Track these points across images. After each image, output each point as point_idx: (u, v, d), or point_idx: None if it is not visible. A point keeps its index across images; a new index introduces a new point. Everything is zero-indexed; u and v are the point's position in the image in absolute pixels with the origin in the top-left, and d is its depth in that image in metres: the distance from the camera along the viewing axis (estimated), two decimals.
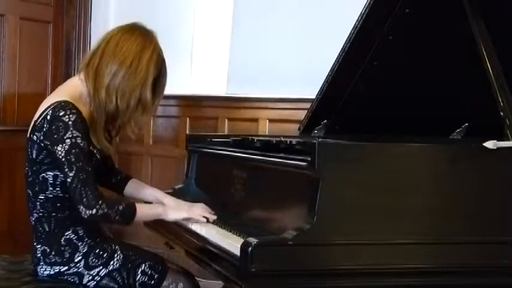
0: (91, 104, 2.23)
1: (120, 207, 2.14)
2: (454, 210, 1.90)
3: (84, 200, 2.08)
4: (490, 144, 1.92)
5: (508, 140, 1.97)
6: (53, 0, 4.68)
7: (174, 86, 2.51)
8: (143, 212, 2.25)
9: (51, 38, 4.68)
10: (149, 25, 2.41)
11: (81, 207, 2.09)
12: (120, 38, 2.26)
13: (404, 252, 1.84)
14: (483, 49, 2.10)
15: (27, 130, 2.24)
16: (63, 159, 2.11)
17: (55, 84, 4.55)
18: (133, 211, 2.18)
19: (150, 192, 2.49)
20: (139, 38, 2.26)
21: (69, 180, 2.10)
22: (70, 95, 2.21)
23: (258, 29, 4.25)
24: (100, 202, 2.09)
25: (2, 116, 4.37)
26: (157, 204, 2.40)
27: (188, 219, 2.30)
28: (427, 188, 1.89)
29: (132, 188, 2.51)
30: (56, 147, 2.12)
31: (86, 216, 2.10)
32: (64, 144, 2.11)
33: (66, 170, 2.11)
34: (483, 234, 1.91)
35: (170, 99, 4.31)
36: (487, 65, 2.08)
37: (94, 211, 2.08)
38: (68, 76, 4.69)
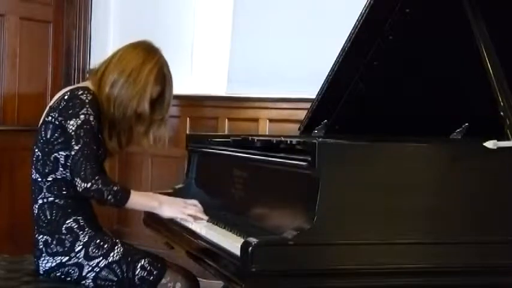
0: None
1: (115, 188, 2.20)
2: (454, 210, 1.90)
3: (82, 173, 2.16)
4: (490, 144, 1.92)
5: (508, 140, 1.97)
6: (53, 0, 4.67)
7: (174, 86, 2.52)
8: (137, 200, 2.30)
9: (51, 38, 4.68)
10: (150, 25, 2.44)
11: (78, 180, 2.17)
12: (124, 51, 2.39)
13: (404, 252, 1.84)
14: (483, 49, 2.10)
15: (27, 130, 2.27)
16: (73, 133, 2.20)
17: (55, 85, 4.56)
18: (127, 195, 2.24)
19: None
20: (141, 52, 2.38)
21: (73, 153, 2.19)
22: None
23: (258, 29, 4.25)
24: (96, 178, 2.17)
25: (2, 116, 4.36)
26: (155, 197, 2.43)
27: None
28: (427, 188, 1.89)
29: None
30: (68, 122, 2.22)
31: (80, 190, 2.17)
32: (77, 119, 2.21)
33: (73, 143, 2.20)
34: (483, 234, 1.91)
35: None
36: (487, 65, 2.08)
37: (89, 185, 2.16)
38: (68, 76, 4.70)
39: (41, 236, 2.27)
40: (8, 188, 4.28)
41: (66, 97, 2.26)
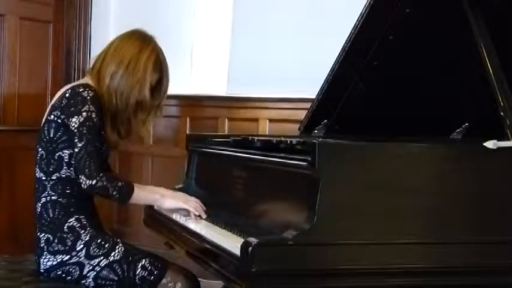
0: None
1: (119, 184, 2.22)
2: (454, 210, 1.90)
3: (87, 170, 2.18)
4: (490, 144, 1.92)
5: (508, 140, 1.97)
6: (53, 0, 4.67)
7: (174, 86, 2.52)
8: (140, 194, 2.32)
9: (51, 38, 4.68)
10: (149, 25, 2.44)
11: (82, 177, 2.18)
12: (119, 42, 2.41)
13: (404, 252, 1.84)
14: (483, 49, 2.10)
15: (28, 130, 2.27)
16: (76, 130, 2.22)
17: (55, 85, 4.56)
18: (131, 191, 2.26)
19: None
20: (137, 41, 2.40)
21: (76, 150, 2.20)
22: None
23: (258, 29, 4.26)
24: (101, 175, 2.19)
25: (2, 116, 4.36)
26: (158, 190, 2.44)
27: (183, 209, 2.36)
28: (427, 188, 1.89)
29: None
30: (71, 119, 2.23)
31: (85, 187, 2.19)
32: (80, 117, 2.22)
33: (76, 140, 2.21)
34: (483, 234, 1.91)
35: (170, 99, 4.28)
36: (487, 65, 2.09)
37: (94, 182, 2.17)
38: (68, 76, 4.70)
39: (43, 235, 2.27)
40: (9, 188, 4.29)
41: (67, 95, 2.27)
